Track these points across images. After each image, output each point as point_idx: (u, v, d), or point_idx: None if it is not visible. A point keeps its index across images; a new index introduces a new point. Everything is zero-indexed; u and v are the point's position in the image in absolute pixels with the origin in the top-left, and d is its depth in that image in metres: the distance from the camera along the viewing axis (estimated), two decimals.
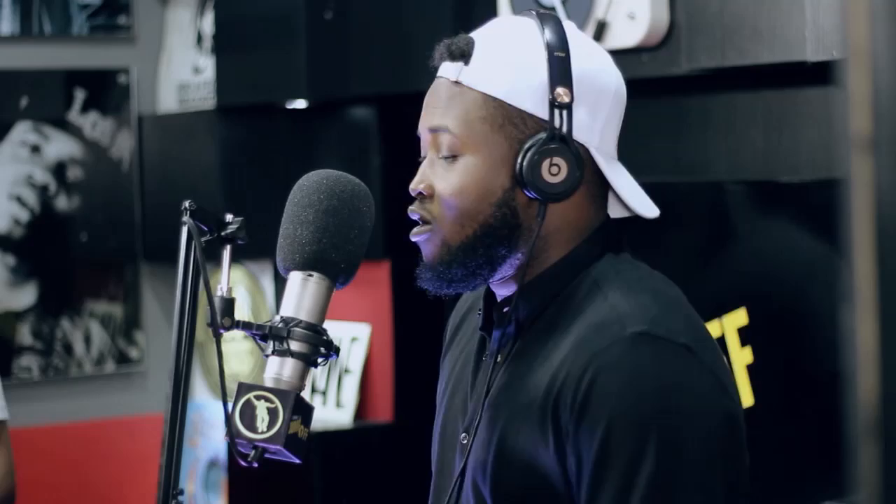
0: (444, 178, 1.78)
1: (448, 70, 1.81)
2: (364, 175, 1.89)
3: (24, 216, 4.42)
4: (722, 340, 2.77)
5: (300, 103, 3.97)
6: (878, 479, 0.83)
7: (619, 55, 2.97)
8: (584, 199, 1.79)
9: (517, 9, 3.10)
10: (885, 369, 0.83)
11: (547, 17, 1.81)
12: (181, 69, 4.60)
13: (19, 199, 4.42)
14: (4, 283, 4.36)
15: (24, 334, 4.38)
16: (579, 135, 1.77)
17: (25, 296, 4.40)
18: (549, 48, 1.77)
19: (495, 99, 1.77)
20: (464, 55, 1.79)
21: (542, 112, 1.76)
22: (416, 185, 1.81)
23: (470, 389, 1.86)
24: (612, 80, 1.83)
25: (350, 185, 1.75)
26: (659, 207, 1.88)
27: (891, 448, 0.83)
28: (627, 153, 3.41)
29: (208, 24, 4.44)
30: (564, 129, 1.75)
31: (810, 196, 2.68)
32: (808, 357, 2.68)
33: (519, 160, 1.75)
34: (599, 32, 2.93)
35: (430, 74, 1.83)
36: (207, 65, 4.46)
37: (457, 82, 1.79)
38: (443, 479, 1.89)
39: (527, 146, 1.75)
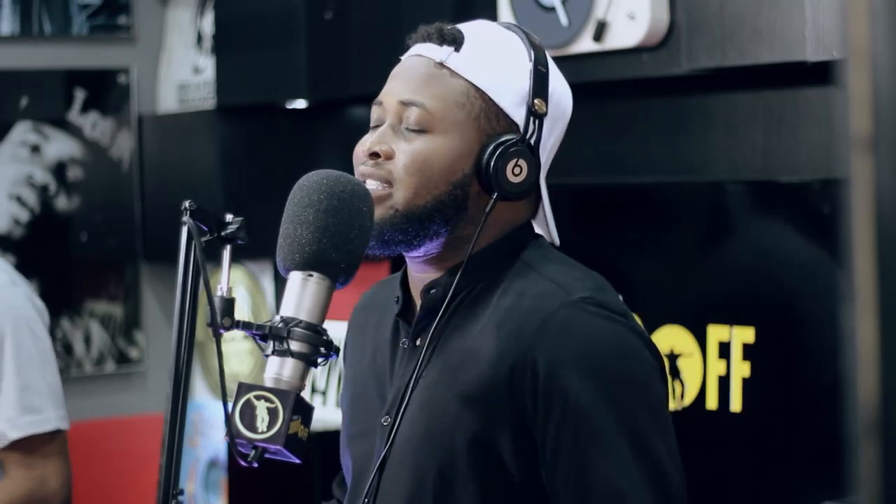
0: (409, 147, 1.85)
1: (433, 51, 1.89)
2: None
3: (24, 216, 4.42)
4: (721, 340, 2.77)
5: (300, 103, 3.97)
6: (878, 479, 0.83)
7: (619, 55, 2.99)
8: (521, 203, 1.89)
9: (517, 9, 3.10)
10: (885, 369, 0.83)
11: (529, 33, 1.93)
12: (181, 69, 4.60)
13: (19, 199, 4.42)
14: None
15: None
16: (538, 147, 1.87)
17: None
18: (535, 61, 1.88)
19: (478, 89, 1.86)
20: (455, 41, 1.88)
21: (517, 116, 1.86)
22: (374, 146, 1.87)
23: (389, 376, 1.92)
24: (569, 111, 1.95)
25: (350, 185, 1.76)
26: (659, 207, 1.91)
27: (891, 448, 0.83)
28: (628, 153, 3.41)
29: (208, 24, 4.44)
30: (535, 137, 1.86)
31: (810, 196, 2.68)
32: (808, 357, 2.68)
33: (487, 153, 1.84)
34: (599, 32, 2.93)
35: None
36: (207, 65, 4.46)
37: (441, 64, 1.88)
38: (362, 470, 1.93)
39: (498, 142, 1.85)
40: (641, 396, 1.78)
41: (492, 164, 1.83)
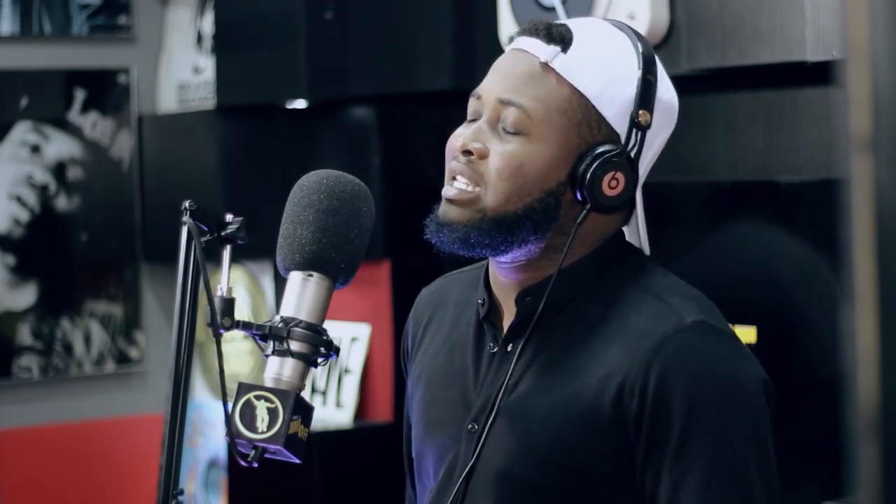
0: (504, 149, 1.77)
1: (539, 49, 1.79)
2: (364, 175, 1.89)
3: (24, 216, 4.42)
4: None
5: (300, 103, 3.97)
6: (878, 479, 0.83)
7: None
8: (616, 215, 1.82)
9: (517, 9, 3.10)
10: (885, 369, 0.83)
11: (641, 36, 1.83)
12: (181, 69, 4.60)
13: (19, 199, 4.42)
14: (4, 283, 4.36)
15: (24, 334, 4.38)
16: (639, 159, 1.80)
17: (25, 296, 4.40)
18: (643, 69, 1.79)
19: (582, 96, 1.77)
20: (564, 41, 1.78)
21: (620, 126, 1.78)
22: (469, 143, 1.79)
23: (474, 381, 1.85)
24: (675, 118, 1.86)
25: (350, 185, 1.75)
26: (659, 207, 1.90)
27: (891, 448, 0.83)
28: None
29: (208, 24, 4.44)
30: (636, 149, 1.78)
31: (810, 196, 2.68)
32: (808, 356, 2.68)
33: (585, 164, 1.76)
34: None
35: (430, 74, 1.84)
36: (207, 65, 4.46)
37: (547, 64, 1.78)
38: (433, 468, 1.88)
39: (597, 152, 1.76)
40: (749, 428, 1.75)
41: (588, 175, 1.75)
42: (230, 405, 1.66)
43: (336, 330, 3.88)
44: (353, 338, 3.95)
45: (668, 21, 2.87)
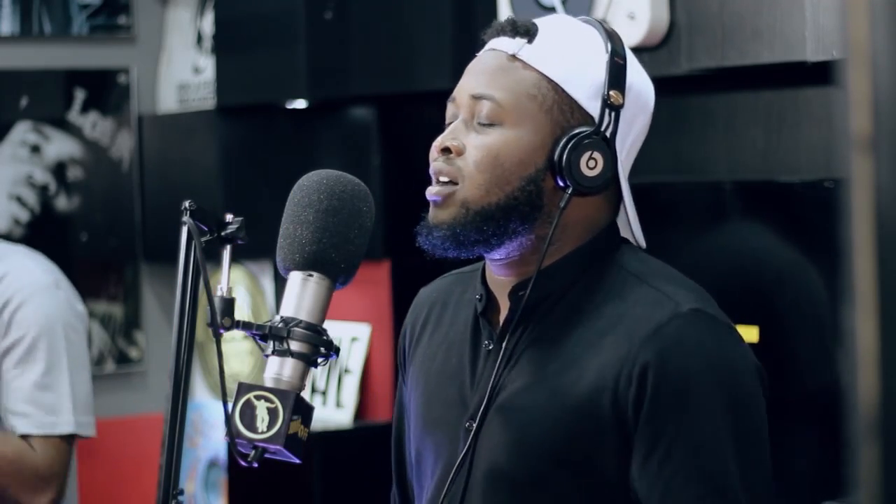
0: (480, 141, 1.80)
1: (505, 44, 1.83)
2: (364, 175, 1.89)
3: (24, 216, 4.42)
4: None
5: (300, 103, 3.97)
6: (878, 479, 0.83)
7: None
8: (602, 201, 1.83)
9: (517, 9, 3.10)
10: (885, 369, 0.83)
11: (609, 27, 1.86)
12: (181, 69, 4.60)
13: (19, 199, 4.42)
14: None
15: None
16: (616, 141, 1.81)
17: None
18: (611, 52, 1.82)
19: (550, 81, 1.80)
20: (529, 33, 1.82)
21: (592, 108, 1.80)
22: (445, 141, 1.82)
23: (471, 378, 1.85)
24: (651, 104, 1.89)
25: (350, 185, 1.75)
26: (659, 207, 1.90)
27: (891, 448, 0.83)
28: None
29: (208, 24, 4.44)
30: (610, 129, 1.79)
31: (810, 196, 2.68)
32: (809, 356, 2.68)
33: (560, 146, 1.78)
34: None
35: (431, 74, 1.85)
36: (207, 65, 4.45)
37: (514, 56, 1.82)
38: (431, 467, 1.88)
39: (571, 134, 1.78)
40: (745, 414, 1.74)
41: (564, 156, 1.77)
42: (230, 405, 1.66)
43: (336, 330, 3.88)
44: (353, 338, 3.95)
45: (668, 21, 2.87)
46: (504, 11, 3.13)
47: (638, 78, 1.86)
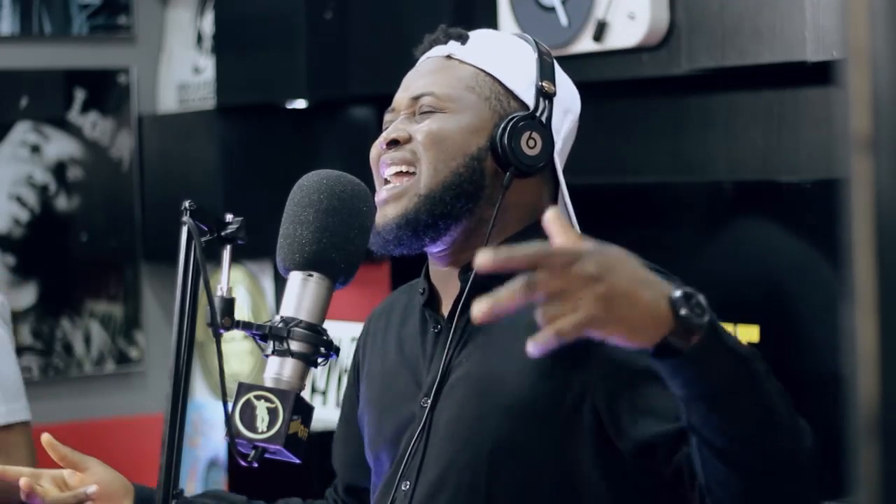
0: (423, 126, 1.89)
1: (439, 50, 1.95)
2: (364, 175, 1.89)
3: (24, 216, 4.42)
4: None
5: (300, 103, 3.97)
6: (878, 479, 0.83)
7: (619, 55, 2.98)
8: (540, 186, 1.91)
9: (517, 9, 3.10)
10: (885, 369, 0.83)
11: (535, 39, 1.97)
12: (181, 69, 4.60)
13: (19, 199, 4.42)
14: (4, 283, 4.35)
15: (24, 334, 4.38)
16: (551, 128, 1.90)
17: (25, 296, 4.40)
18: (539, 52, 1.93)
19: (487, 73, 1.91)
20: (461, 36, 1.94)
21: (528, 98, 1.90)
22: (391, 134, 1.90)
23: (423, 362, 1.91)
24: (577, 104, 1.98)
25: (350, 185, 1.76)
26: (659, 207, 1.92)
27: (891, 448, 0.83)
28: (628, 153, 3.41)
29: (208, 24, 4.44)
30: (546, 114, 1.89)
31: (810, 196, 2.67)
32: (808, 357, 2.68)
33: (501, 128, 1.87)
34: (599, 32, 2.93)
35: None
36: (207, 65, 4.45)
37: (448, 56, 1.93)
38: (390, 452, 1.92)
39: (510, 117, 1.88)
40: None
41: (505, 136, 1.86)
42: (230, 405, 1.66)
43: (336, 330, 3.88)
44: (353, 338, 3.95)
45: (668, 21, 2.87)
46: (504, 11, 3.13)
47: (566, 82, 1.96)
